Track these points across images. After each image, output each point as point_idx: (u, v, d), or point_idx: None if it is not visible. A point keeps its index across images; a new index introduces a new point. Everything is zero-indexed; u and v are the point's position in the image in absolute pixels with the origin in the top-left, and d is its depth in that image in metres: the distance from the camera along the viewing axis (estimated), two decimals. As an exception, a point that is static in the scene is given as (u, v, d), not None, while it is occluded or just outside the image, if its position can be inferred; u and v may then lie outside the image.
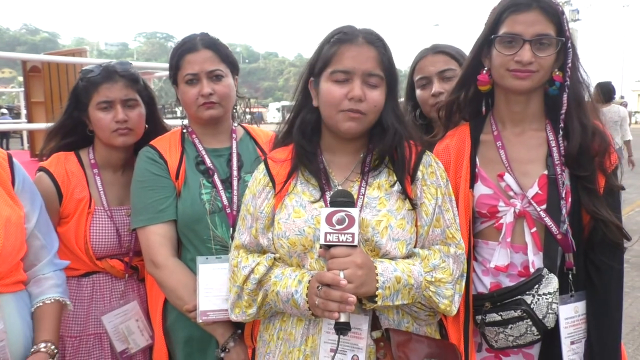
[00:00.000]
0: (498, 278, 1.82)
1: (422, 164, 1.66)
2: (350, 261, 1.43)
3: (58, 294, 1.80)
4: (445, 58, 2.31)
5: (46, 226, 1.85)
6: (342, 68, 1.55)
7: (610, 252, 1.75)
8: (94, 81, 2.12)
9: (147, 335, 2.20)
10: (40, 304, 1.76)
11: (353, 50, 1.56)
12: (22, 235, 1.70)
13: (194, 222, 1.98)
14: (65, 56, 7.26)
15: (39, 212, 1.81)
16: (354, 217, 1.44)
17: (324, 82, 1.59)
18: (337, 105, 1.56)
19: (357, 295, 1.46)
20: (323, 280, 1.44)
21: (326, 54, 1.59)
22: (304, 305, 1.52)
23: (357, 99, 1.54)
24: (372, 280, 1.46)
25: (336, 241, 1.44)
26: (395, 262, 1.53)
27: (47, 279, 1.80)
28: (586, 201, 1.73)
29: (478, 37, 1.84)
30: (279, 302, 1.59)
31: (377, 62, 1.57)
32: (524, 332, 1.71)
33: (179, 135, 2.13)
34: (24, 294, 1.75)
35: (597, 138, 1.76)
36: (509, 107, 1.85)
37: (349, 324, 1.43)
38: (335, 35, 1.61)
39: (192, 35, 2.07)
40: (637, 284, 6.09)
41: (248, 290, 1.65)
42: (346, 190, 1.55)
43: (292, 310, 1.59)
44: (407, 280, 1.50)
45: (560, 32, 1.72)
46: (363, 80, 1.56)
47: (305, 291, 1.51)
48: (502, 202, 1.80)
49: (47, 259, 1.82)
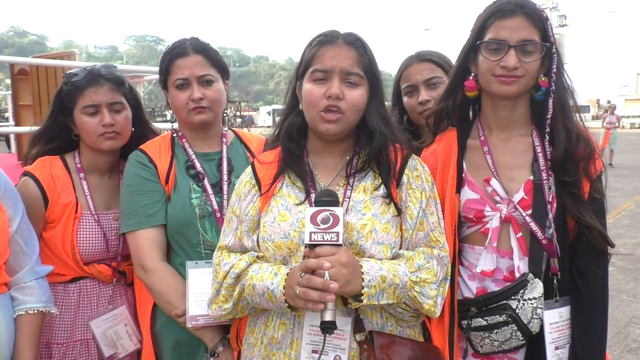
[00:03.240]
0: (484, 283, 1.83)
1: (408, 168, 1.68)
2: (335, 260, 1.42)
3: (41, 304, 1.80)
4: (430, 66, 2.35)
5: (27, 232, 1.83)
6: (321, 67, 1.58)
7: (594, 259, 1.77)
8: (79, 85, 2.10)
9: (136, 340, 2.19)
10: (22, 312, 1.76)
11: (332, 50, 1.59)
12: (5, 239, 1.69)
13: (184, 227, 1.99)
14: (54, 59, 7.22)
15: (20, 217, 1.79)
16: (338, 216, 1.45)
17: (306, 83, 1.62)
18: (316, 105, 1.58)
19: (342, 294, 1.47)
20: (307, 265, 1.43)
21: (307, 56, 1.62)
22: (280, 297, 1.51)
23: (335, 97, 1.56)
24: (357, 279, 1.46)
25: (321, 240, 1.44)
26: (381, 262, 1.54)
27: (29, 288, 1.79)
28: (571, 206, 1.75)
29: (464, 44, 1.86)
30: (255, 296, 1.58)
31: (356, 62, 1.59)
32: (509, 337, 1.72)
33: (169, 140, 2.13)
34: (6, 296, 1.75)
35: (582, 143, 1.79)
36: (496, 113, 1.87)
37: (334, 323, 1.42)
38: (317, 38, 1.64)
39: (182, 40, 2.08)
40: (623, 287, 6.15)
41: (226, 284, 1.65)
42: (331, 190, 1.56)
43: (267, 304, 1.57)
44: (392, 280, 1.51)
45: (545, 38, 1.75)
46: (342, 78, 1.58)
47: (283, 283, 1.51)
48: (489, 207, 1.81)
49: (28, 266, 1.81)
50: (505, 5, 1.74)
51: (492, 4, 1.79)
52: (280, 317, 1.63)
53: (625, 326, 5.12)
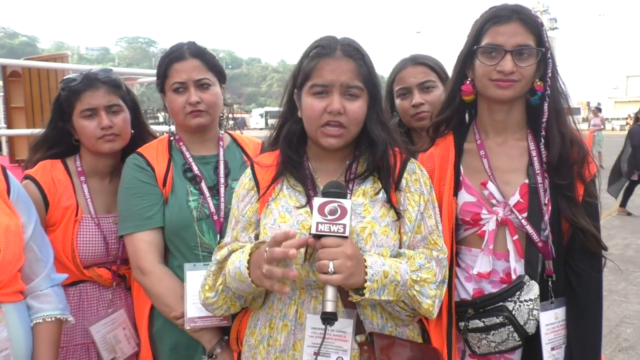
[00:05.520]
0: (481, 285, 1.85)
1: (407, 172, 1.69)
2: (341, 252, 1.42)
3: (59, 311, 1.78)
4: (425, 69, 2.38)
5: (41, 239, 1.82)
6: (321, 82, 1.58)
7: (588, 260, 1.80)
8: (76, 90, 2.11)
9: (134, 343, 2.19)
10: (39, 320, 1.74)
11: (331, 64, 1.59)
12: (21, 244, 1.68)
13: (181, 229, 1.99)
14: (46, 61, 7.18)
15: (34, 224, 1.78)
16: (346, 208, 1.44)
17: (305, 96, 1.62)
18: (317, 120, 1.59)
19: (344, 287, 1.48)
20: (275, 237, 1.42)
21: (306, 68, 1.62)
22: (244, 272, 1.50)
23: (336, 112, 1.57)
24: (360, 272, 1.47)
25: (327, 231, 1.44)
26: (384, 258, 1.55)
27: (45, 295, 1.78)
28: (565, 209, 1.78)
29: (461, 51, 1.89)
30: (231, 282, 1.58)
31: (355, 74, 1.59)
32: (505, 338, 1.74)
33: (167, 143, 2.14)
34: (23, 304, 1.74)
35: (576, 147, 1.82)
36: (492, 117, 1.89)
37: (335, 314, 1.43)
38: (315, 48, 1.64)
39: (180, 44, 2.09)
40: (614, 288, 6.21)
41: (210, 271, 1.67)
42: (339, 182, 1.56)
43: (241, 286, 1.56)
44: (394, 277, 1.52)
45: (540, 43, 1.78)
46: (342, 92, 1.58)
47: (247, 258, 1.51)
48: (485, 209, 1.83)
49: (44, 274, 1.79)
50: (501, 12, 1.77)
51: (488, 10, 1.82)
52: (282, 318, 1.64)
53: (616, 326, 5.18)
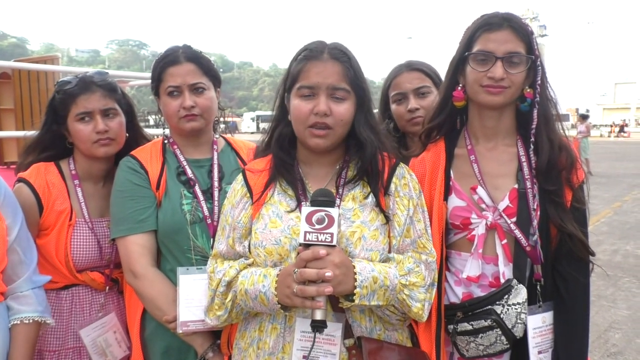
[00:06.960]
0: (470, 288, 1.88)
1: (396, 176, 1.71)
2: (329, 261, 1.45)
3: (37, 314, 1.78)
4: (420, 75, 2.42)
5: (26, 241, 1.82)
6: (308, 84, 1.61)
7: (576, 265, 1.83)
8: (71, 93, 2.09)
9: (125, 347, 2.19)
10: (17, 322, 1.74)
11: (318, 66, 1.62)
12: (3, 247, 1.68)
13: (175, 233, 2.00)
14: (37, 63, 7.15)
15: (19, 226, 1.78)
16: (333, 217, 1.47)
17: (293, 99, 1.65)
18: (304, 121, 1.62)
19: (334, 295, 1.49)
20: (302, 258, 1.45)
21: (294, 71, 1.65)
22: (272, 299, 1.53)
23: (322, 114, 1.59)
24: (350, 279, 1.49)
25: (315, 240, 1.46)
26: (373, 263, 1.57)
27: (25, 297, 1.78)
28: (553, 214, 1.81)
29: (453, 57, 1.92)
30: (248, 301, 1.60)
31: (342, 76, 1.62)
32: (493, 341, 1.76)
33: (160, 146, 2.15)
34: (3, 305, 1.73)
35: (564, 153, 1.85)
36: (482, 122, 1.92)
37: (325, 322, 1.45)
38: (303, 52, 1.67)
39: (175, 48, 2.09)
40: (602, 293, 6.26)
41: (219, 292, 1.67)
42: (327, 190, 1.58)
43: (261, 307, 1.59)
44: (383, 282, 1.54)
45: (530, 51, 1.81)
46: (328, 94, 1.61)
47: (274, 285, 1.53)
48: (475, 214, 1.86)
49: (25, 276, 1.79)
50: (492, 19, 1.80)
51: (479, 18, 1.85)
52: (271, 321, 1.65)
53: (605, 331, 5.21)
